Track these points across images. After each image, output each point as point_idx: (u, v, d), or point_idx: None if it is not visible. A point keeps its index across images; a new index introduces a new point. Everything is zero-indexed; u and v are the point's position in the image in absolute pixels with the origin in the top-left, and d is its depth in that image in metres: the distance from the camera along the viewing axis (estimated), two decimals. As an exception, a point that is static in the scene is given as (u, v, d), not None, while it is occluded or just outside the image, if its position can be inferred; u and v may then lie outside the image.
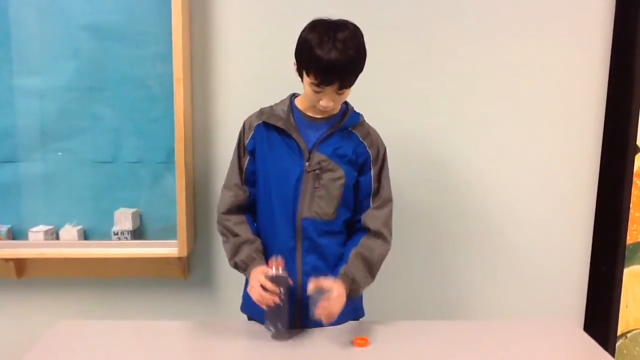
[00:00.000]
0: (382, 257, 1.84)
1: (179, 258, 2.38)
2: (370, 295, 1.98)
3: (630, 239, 2.46)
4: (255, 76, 2.38)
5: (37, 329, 1.83)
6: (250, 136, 1.84)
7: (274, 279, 1.67)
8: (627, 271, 2.48)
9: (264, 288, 1.66)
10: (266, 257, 1.80)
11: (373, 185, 1.85)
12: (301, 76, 1.73)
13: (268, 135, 1.82)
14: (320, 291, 1.67)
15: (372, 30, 1.81)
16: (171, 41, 2.22)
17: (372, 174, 1.85)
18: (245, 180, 1.87)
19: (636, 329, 2.54)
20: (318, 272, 1.80)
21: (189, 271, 2.52)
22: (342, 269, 1.77)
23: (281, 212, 1.81)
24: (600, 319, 2.57)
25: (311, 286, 1.68)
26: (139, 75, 2.37)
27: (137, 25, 2.34)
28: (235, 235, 1.82)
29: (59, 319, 1.88)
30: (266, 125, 1.82)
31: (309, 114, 1.82)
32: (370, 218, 1.84)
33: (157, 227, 2.46)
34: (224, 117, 2.41)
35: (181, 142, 2.27)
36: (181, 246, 2.34)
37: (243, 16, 2.37)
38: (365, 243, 1.82)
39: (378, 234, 1.83)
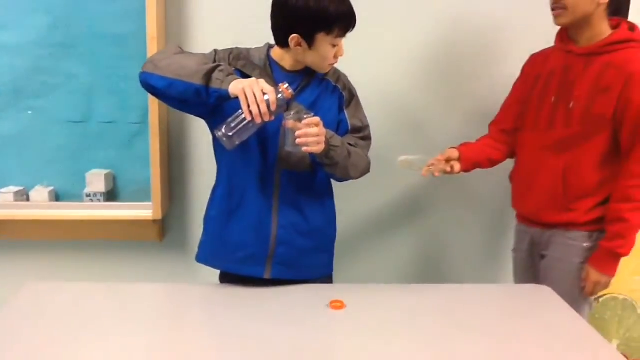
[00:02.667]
0: (359, 156, 1.82)
1: (154, 220, 2.35)
2: (343, 258, 1.98)
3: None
4: (232, 34, 2.30)
5: (6, 291, 1.79)
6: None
7: (280, 100, 1.58)
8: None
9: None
10: (240, 211, 1.79)
11: (351, 123, 1.86)
12: (311, 43, 1.67)
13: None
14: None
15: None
16: (145, -3, 2.16)
17: (347, 114, 1.86)
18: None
19: (607, 294, 2.59)
20: (294, 228, 1.82)
21: (164, 234, 2.50)
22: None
23: (258, 162, 1.77)
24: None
25: (289, 123, 1.62)
26: (113, 32, 2.30)
27: (109, -21, 2.26)
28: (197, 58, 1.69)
29: (29, 281, 1.84)
30: (242, 73, 1.74)
31: (286, 66, 1.77)
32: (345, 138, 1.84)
33: (131, 189, 2.42)
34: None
35: (156, 101, 2.22)
36: (156, 208, 2.31)
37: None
38: (351, 139, 1.84)
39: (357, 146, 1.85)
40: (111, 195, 2.41)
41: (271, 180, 1.79)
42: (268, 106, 1.54)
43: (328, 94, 1.84)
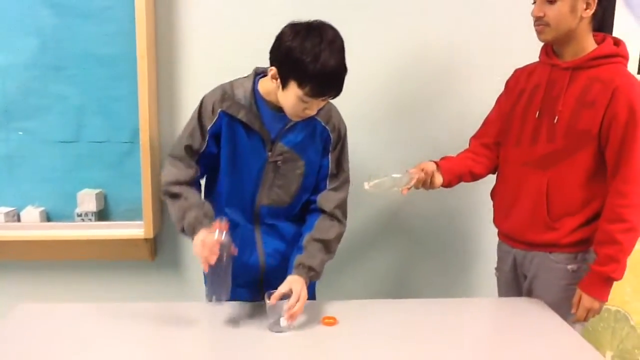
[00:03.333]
0: (338, 236, 1.84)
1: (145, 239, 2.34)
2: (330, 275, 1.98)
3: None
4: (221, 53, 2.34)
5: (-1, 313, 1.78)
6: (213, 121, 1.74)
7: (219, 237, 1.59)
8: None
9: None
10: None
11: (331, 167, 1.84)
12: (283, 85, 1.62)
13: (231, 123, 1.74)
14: (282, 299, 1.64)
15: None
16: (134, 17, 2.16)
17: (330, 158, 1.83)
18: (199, 160, 1.78)
19: (601, 306, 2.59)
20: (279, 253, 1.86)
21: (156, 253, 2.49)
22: (298, 259, 1.75)
23: (238, 199, 1.82)
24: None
25: (272, 301, 1.63)
26: (102, 53, 2.31)
27: (99, 1, 2.27)
28: (184, 198, 1.74)
29: (21, 302, 1.83)
30: (229, 115, 1.73)
31: (273, 102, 1.72)
32: (325, 200, 1.84)
33: (122, 208, 2.42)
34: (190, 95, 2.36)
35: (146, 120, 2.22)
36: (147, 227, 2.30)
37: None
38: (319, 226, 1.82)
39: (332, 216, 1.83)
40: (102, 214, 2.41)
41: (251, 215, 1.83)
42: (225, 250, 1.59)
43: (316, 136, 1.80)
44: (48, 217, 2.40)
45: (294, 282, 1.68)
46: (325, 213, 1.83)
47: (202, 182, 1.89)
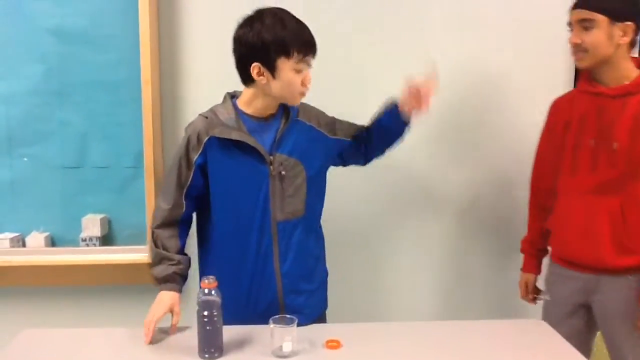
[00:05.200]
0: None
1: (149, 264, 2.34)
2: (338, 299, 1.99)
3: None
4: (225, 78, 2.32)
5: (4, 338, 1.78)
6: (199, 152, 1.75)
7: (204, 302, 1.60)
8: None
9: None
10: (237, 265, 1.80)
11: (346, 136, 1.93)
12: (273, 71, 1.67)
13: (222, 147, 1.74)
14: (284, 328, 1.63)
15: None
16: (138, 44, 2.21)
17: (338, 136, 1.91)
18: (186, 194, 1.79)
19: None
20: (297, 273, 1.83)
21: (160, 277, 2.48)
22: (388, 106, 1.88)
23: (252, 219, 1.77)
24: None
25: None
26: (106, 80, 2.34)
27: (103, 28, 2.31)
28: (164, 248, 1.80)
29: (26, 328, 1.84)
30: (218, 139, 1.74)
31: (256, 114, 1.76)
32: (361, 130, 1.96)
33: (126, 233, 2.43)
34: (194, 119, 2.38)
35: (150, 145, 2.25)
36: (151, 252, 2.30)
37: (211, 17, 2.35)
38: (373, 117, 1.95)
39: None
40: (107, 239, 2.42)
41: (268, 232, 1.79)
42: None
43: (305, 137, 1.82)
44: (53, 242, 2.42)
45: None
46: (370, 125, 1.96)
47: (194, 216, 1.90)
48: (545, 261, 2.21)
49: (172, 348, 1.71)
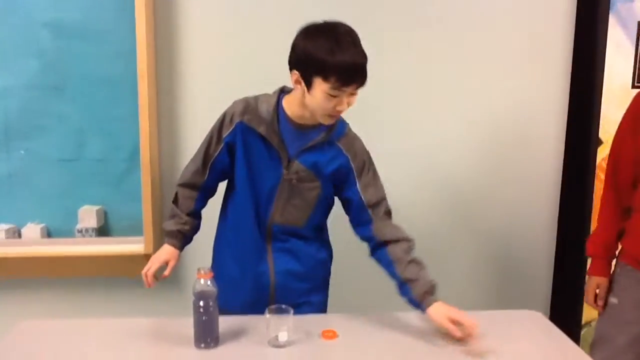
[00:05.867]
0: (414, 249, 1.79)
1: (145, 255, 2.35)
2: (334, 289, 2.00)
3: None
4: (221, 72, 2.36)
5: (0, 330, 1.79)
6: (230, 130, 1.77)
7: (200, 293, 1.60)
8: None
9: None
10: (236, 252, 1.84)
11: (366, 197, 1.79)
12: (308, 86, 1.62)
13: (248, 134, 1.75)
14: (280, 316, 1.63)
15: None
16: (134, 38, 2.20)
17: (359, 187, 1.79)
18: (212, 167, 1.83)
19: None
20: (291, 271, 1.85)
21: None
22: (417, 290, 1.71)
23: (252, 214, 1.81)
24: (565, 309, 2.62)
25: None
26: (102, 73, 2.35)
27: (99, 22, 2.32)
28: (178, 205, 1.87)
29: (22, 319, 1.84)
30: (248, 126, 1.75)
31: (296, 119, 1.74)
32: (380, 231, 1.80)
33: (122, 224, 2.45)
34: (190, 113, 2.39)
35: (146, 139, 2.25)
36: (147, 243, 2.32)
37: (208, 11, 2.35)
38: (396, 256, 1.76)
39: (396, 240, 1.78)
40: (103, 231, 2.43)
41: (264, 232, 1.83)
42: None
43: (333, 161, 1.77)
44: (49, 234, 2.42)
45: (443, 310, 1.67)
46: (389, 243, 1.78)
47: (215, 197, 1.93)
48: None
49: (169, 338, 1.71)
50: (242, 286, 1.85)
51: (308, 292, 1.91)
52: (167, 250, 1.86)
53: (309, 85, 1.62)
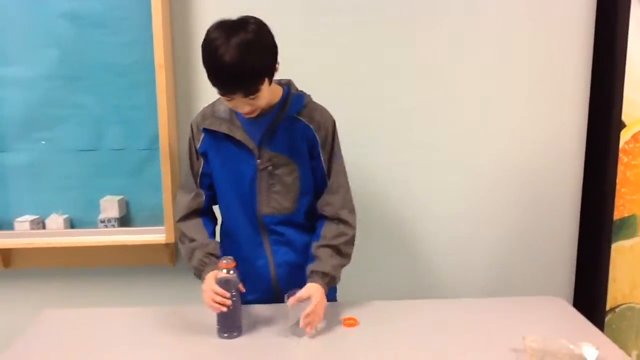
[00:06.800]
0: (347, 241, 1.80)
1: (166, 244, 2.37)
2: (350, 276, 1.99)
3: (617, 215, 2.46)
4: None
5: (25, 319, 1.82)
6: (200, 140, 1.79)
7: (223, 282, 1.62)
8: (614, 246, 2.48)
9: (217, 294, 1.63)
10: (236, 251, 1.80)
11: (325, 168, 1.80)
12: None
13: (214, 138, 1.77)
14: (300, 304, 1.64)
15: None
16: (151, 27, 2.20)
17: (322, 159, 1.79)
18: (201, 184, 1.83)
19: (624, 304, 2.55)
20: (289, 264, 1.84)
21: (177, 257, 2.51)
22: (310, 267, 1.74)
23: (242, 211, 1.81)
24: (589, 295, 2.59)
25: (290, 301, 1.64)
26: (120, 62, 2.35)
27: (116, 11, 2.31)
28: (191, 240, 1.80)
29: (46, 308, 1.87)
30: (211, 130, 1.76)
31: None
32: (325, 204, 1.81)
33: (143, 214, 2.45)
34: (207, 101, 2.37)
35: (165, 128, 2.26)
36: (168, 232, 2.33)
37: (224, 0, 2.34)
38: (325, 232, 1.79)
39: (337, 219, 1.80)
40: (124, 220, 2.45)
41: (257, 226, 1.82)
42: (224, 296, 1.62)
43: (302, 137, 1.76)
44: (72, 224, 2.45)
45: (312, 289, 1.68)
46: (328, 218, 1.80)
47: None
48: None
49: (191, 328, 1.73)
50: (245, 282, 1.84)
51: None
52: (209, 276, 1.71)
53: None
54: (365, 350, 1.59)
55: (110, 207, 2.40)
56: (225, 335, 1.65)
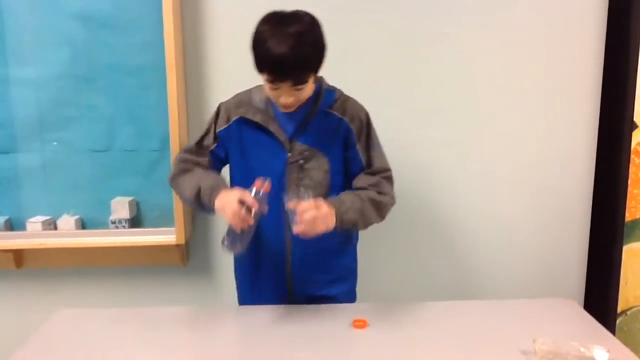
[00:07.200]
0: (377, 202, 1.74)
1: (177, 245, 2.38)
2: (366, 278, 1.99)
3: (628, 216, 2.45)
4: (248, 61, 2.34)
5: (37, 319, 1.83)
6: (225, 126, 1.79)
7: (259, 195, 1.57)
8: (625, 248, 2.47)
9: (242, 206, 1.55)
10: (259, 258, 1.82)
11: (363, 159, 1.78)
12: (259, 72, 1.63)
13: (245, 128, 1.76)
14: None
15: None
16: (162, 27, 2.21)
17: (358, 149, 1.77)
18: (211, 152, 1.82)
19: (636, 306, 2.53)
20: (310, 264, 1.83)
21: (188, 258, 2.52)
22: (335, 200, 1.68)
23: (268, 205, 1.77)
24: (600, 297, 2.58)
25: (291, 204, 1.57)
26: (132, 63, 2.36)
27: (127, 12, 2.32)
28: (195, 172, 1.77)
29: (58, 308, 1.88)
30: (244, 119, 1.77)
31: None
32: (359, 180, 1.78)
33: (154, 215, 2.47)
34: (218, 101, 2.38)
35: (176, 128, 2.26)
36: (179, 233, 2.34)
37: (234, 1, 2.35)
38: (357, 183, 1.78)
39: (371, 186, 1.76)
40: (135, 221, 2.46)
41: (281, 219, 1.75)
42: (252, 207, 1.55)
43: (336, 131, 1.76)
44: (83, 225, 2.46)
45: (320, 201, 1.60)
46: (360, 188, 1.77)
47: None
48: None
49: (203, 329, 1.74)
50: (260, 278, 1.83)
51: (330, 284, 1.90)
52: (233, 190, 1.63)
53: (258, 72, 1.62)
54: (374, 352, 1.58)
55: (121, 208, 2.41)
56: (229, 245, 1.61)
